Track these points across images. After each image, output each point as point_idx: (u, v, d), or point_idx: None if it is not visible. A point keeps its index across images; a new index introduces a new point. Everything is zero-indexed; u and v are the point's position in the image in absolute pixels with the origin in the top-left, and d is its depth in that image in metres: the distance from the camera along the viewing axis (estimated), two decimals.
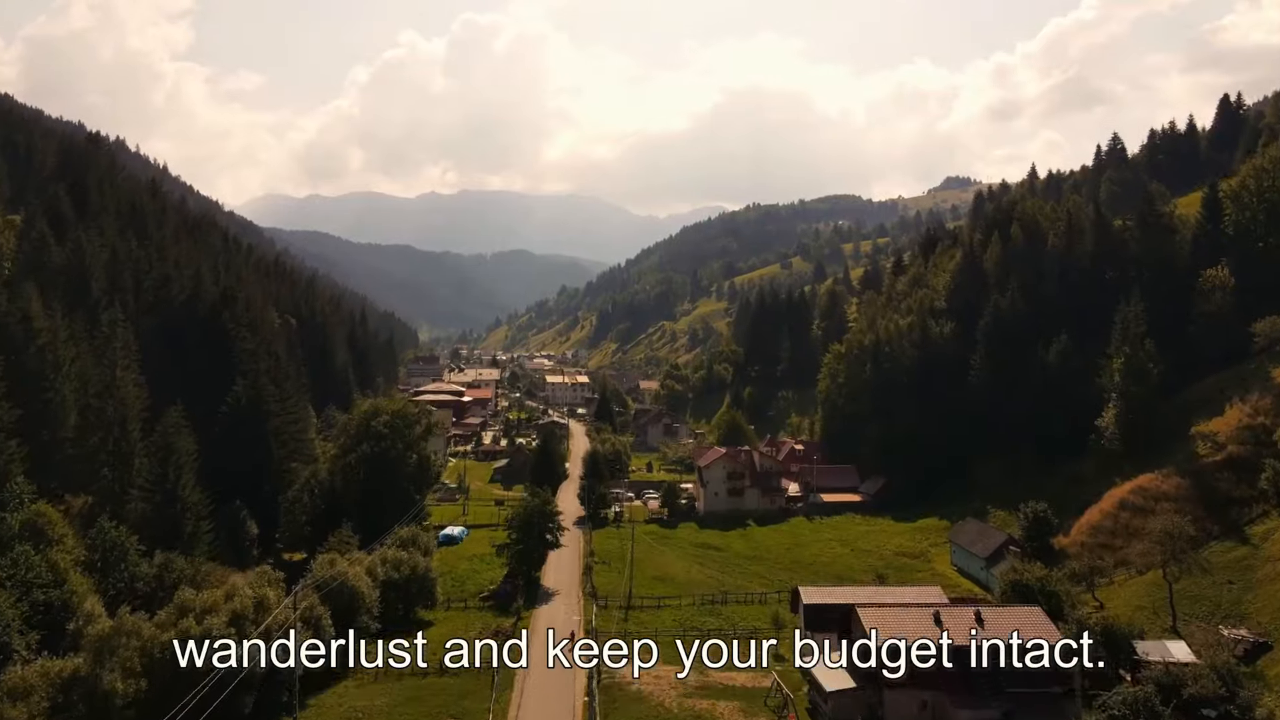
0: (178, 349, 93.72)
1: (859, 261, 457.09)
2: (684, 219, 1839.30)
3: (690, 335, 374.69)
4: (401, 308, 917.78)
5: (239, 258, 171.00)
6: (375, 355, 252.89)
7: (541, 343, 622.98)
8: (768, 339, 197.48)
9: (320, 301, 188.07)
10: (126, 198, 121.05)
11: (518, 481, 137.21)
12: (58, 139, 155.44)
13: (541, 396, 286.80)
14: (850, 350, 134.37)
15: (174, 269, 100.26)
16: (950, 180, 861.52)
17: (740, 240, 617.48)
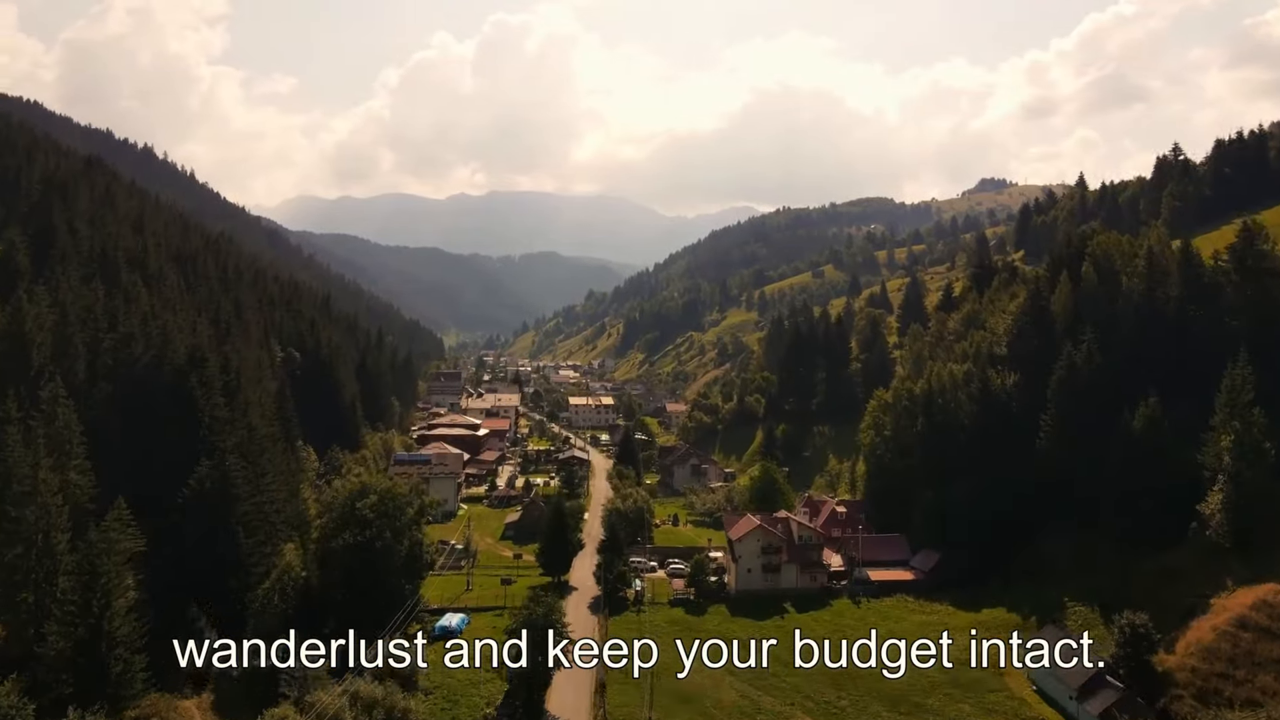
0: (138, 421, 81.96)
1: (894, 270, 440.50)
2: (713, 220, 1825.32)
3: (719, 349, 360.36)
4: (429, 311, 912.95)
5: (240, 287, 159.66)
6: (393, 377, 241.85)
7: (568, 350, 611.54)
8: (803, 371, 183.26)
9: (328, 332, 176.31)
10: (101, 239, 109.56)
11: (531, 539, 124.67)
12: (42, 167, 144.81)
13: (564, 418, 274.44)
14: (898, 399, 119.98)
15: (140, 325, 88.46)
16: (985, 182, 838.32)
17: (770, 246, 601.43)
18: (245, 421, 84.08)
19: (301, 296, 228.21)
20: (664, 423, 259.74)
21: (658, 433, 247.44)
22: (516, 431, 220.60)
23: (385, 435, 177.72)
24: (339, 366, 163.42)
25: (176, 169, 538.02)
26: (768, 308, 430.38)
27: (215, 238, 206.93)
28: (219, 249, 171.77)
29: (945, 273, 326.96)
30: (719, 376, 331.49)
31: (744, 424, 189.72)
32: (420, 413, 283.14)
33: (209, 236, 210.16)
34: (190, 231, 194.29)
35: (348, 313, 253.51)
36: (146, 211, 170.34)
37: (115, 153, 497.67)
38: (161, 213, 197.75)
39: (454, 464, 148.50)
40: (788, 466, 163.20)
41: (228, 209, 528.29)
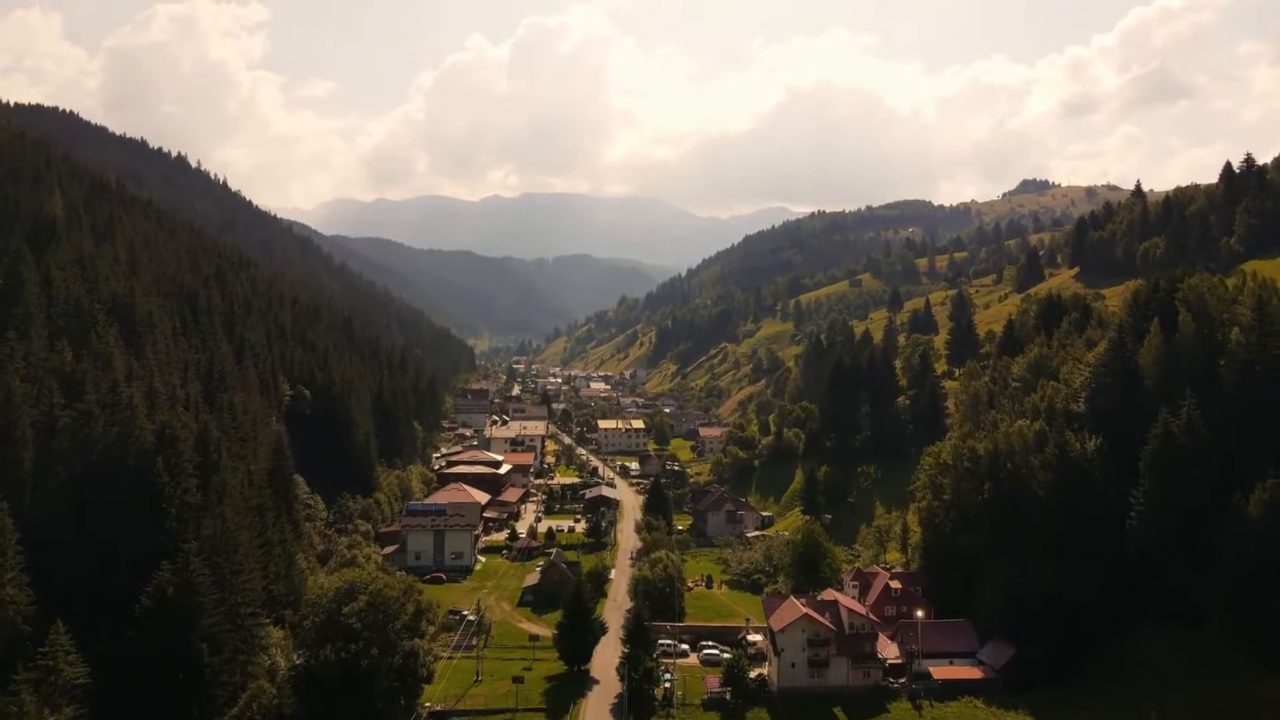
0: (97, 514, 71.21)
1: (935, 281, 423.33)
2: (746, 221, 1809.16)
3: (754, 363, 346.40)
4: (462, 315, 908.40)
5: (249, 322, 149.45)
6: (416, 400, 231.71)
7: (599, 359, 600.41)
8: (845, 405, 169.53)
9: (342, 366, 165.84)
10: (82, 286, 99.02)
11: (551, 605, 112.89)
12: (33, 203, 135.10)
13: (593, 439, 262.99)
14: (958, 459, 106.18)
15: (109, 394, 77.54)
16: (1026, 183, 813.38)
17: (805, 252, 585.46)
18: (220, 510, 72.85)
19: (321, 319, 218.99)
20: (697, 448, 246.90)
21: (689, 460, 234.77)
22: (542, 461, 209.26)
23: (402, 473, 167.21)
24: (352, 403, 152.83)
25: (209, 177, 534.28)
26: (804, 318, 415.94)
27: (228, 265, 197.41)
28: (226, 281, 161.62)
29: (992, 285, 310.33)
30: (754, 394, 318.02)
31: (782, 461, 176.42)
32: (446, 433, 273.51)
33: (224, 261, 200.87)
34: (203, 257, 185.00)
35: (371, 334, 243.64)
36: (152, 241, 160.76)
37: (149, 161, 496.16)
38: (173, 239, 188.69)
39: (471, 514, 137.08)
40: (830, 514, 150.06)
41: (260, 218, 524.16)
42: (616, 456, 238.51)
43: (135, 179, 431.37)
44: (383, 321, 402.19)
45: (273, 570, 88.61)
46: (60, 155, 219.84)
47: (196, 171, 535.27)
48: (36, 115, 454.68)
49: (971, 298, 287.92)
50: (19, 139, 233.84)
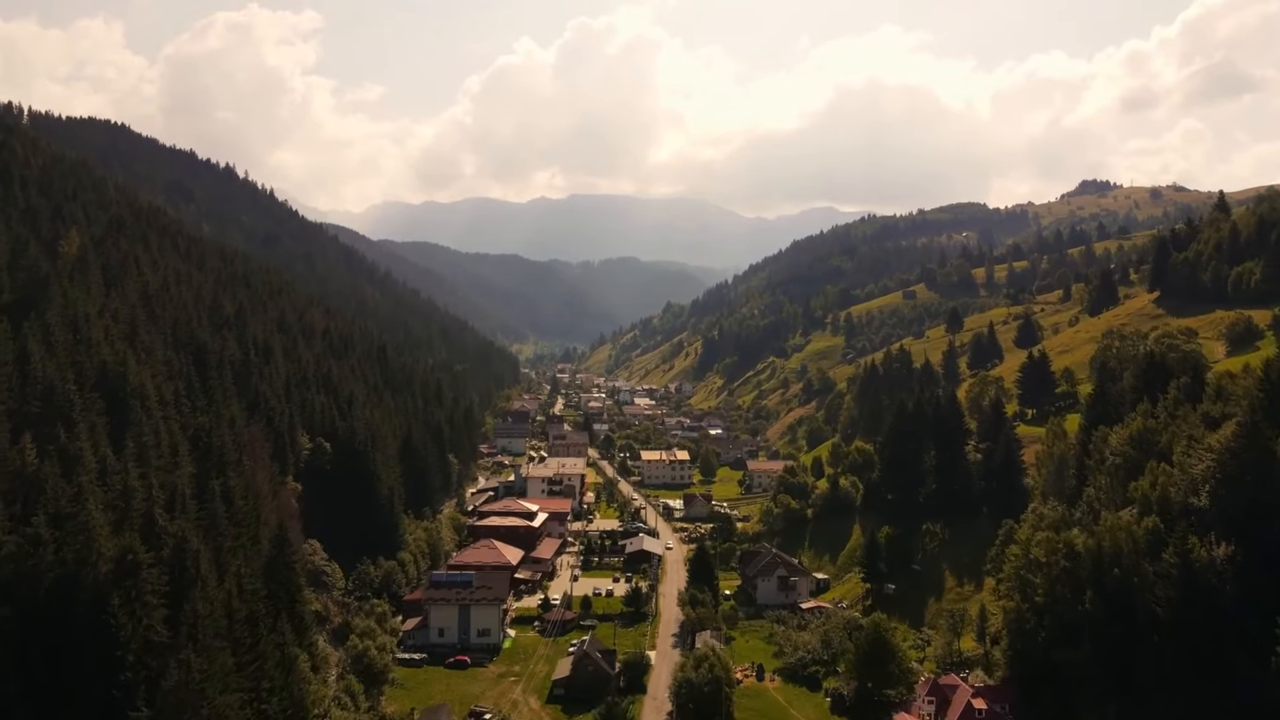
0: (46, 660, 59.98)
1: (994, 292, 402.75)
2: (794, 221, 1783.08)
3: (804, 383, 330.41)
4: (508, 320, 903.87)
5: (269, 370, 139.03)
6: (452, 432, 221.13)
7: (644, 368, 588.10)
8: (907, 454, 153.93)
9: (367, 411, 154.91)
10: (64, 359, 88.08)
11: (583, 704, 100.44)
12: (42, 246, 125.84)
13: (636, 468, 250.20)
14: (1051, 556, 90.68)
15: (72, 505, 66.01)
16: (1086, 184, 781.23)
17: (856, 259, 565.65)
18: (186, 656, 61.04)
19: (353, 349, 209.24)
20: (745, 483, 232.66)
21: (736, 498, 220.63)
22: (581, 501, 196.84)
23: (431, 524, 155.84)
24: (376, 456, 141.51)
25: (256, 188, 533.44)
26: (855, 332, 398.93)
27: (256, 297, 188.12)
28: (247, 323, 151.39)
29: (1059, 304, 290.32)
30: (804, 417, 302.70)
31: (838, 513, 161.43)
32: (485, 459, 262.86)
33: (252, 294, 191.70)
34: (227, 293, 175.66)
35: (405, 362, 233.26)
36: (173, 280, 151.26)
37: (197, 173, 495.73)
38: (200, 271, 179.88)
39: (500, 585, 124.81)
40: (894, 583, 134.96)
41: (305, 229, 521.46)
42: (660, 491, 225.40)
43: (182, 192, 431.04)
44: (424, 336, 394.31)
45: (265, 687, 77.02)
46: (93, 181, 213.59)
47: (244, 182, 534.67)
48: (88, 128, 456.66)
49: (1037, 317, 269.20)
50: (56, 163, 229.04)
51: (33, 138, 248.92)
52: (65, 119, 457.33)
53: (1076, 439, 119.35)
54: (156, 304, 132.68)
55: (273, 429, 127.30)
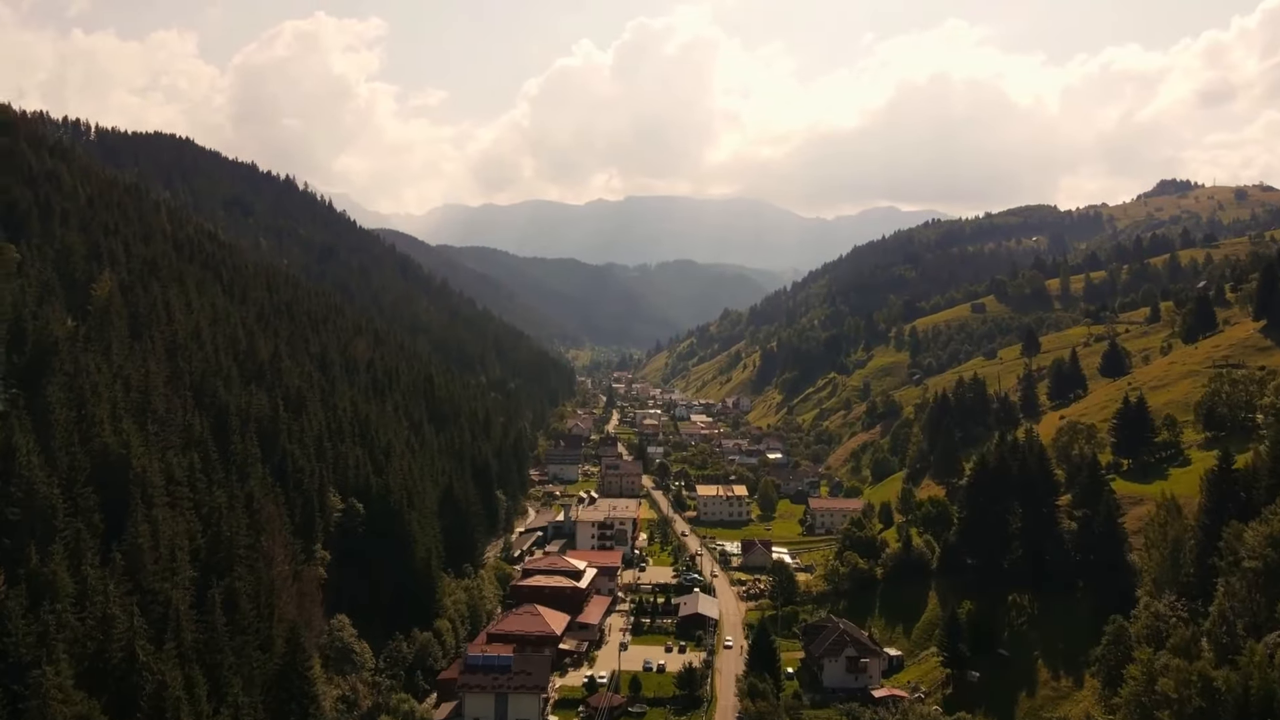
0: None
1: (1070, 306, 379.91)
2: (853, 222, 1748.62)
3: (868, 405, 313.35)
4: (565, 325, 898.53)
5: (303, 423, 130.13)
6: (500, 465, 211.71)
7: (701, 378, 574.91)
8: (989, 514, 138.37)
9: (404, 463, 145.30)
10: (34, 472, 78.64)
11: None
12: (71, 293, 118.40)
13: (693, 501, 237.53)
14: (1182, 691, 75.58)
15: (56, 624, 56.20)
16: (1165, 184, 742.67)
17: (920, 267, 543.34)
18: None
19: (397, 382, 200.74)
20: (806, 523, 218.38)
21: (797, 540, 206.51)
22: (633, 546, 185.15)
23: (473, 583, 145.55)
24: (412, 517, 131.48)
25: (315, 199, 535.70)
26: (920, 347, 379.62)
27: (299, 331, 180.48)
28: (282, 369, 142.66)
29: (1146, 325, 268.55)
30: (868, 443, 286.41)
31: (911, 576, 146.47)
32: (535, 488, 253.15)
33: (295, 327, 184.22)
34: (265, 332, 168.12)
35: (452, 392, 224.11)
36: (207, 324, 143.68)
37: (258, 185, 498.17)
38: (242, 305, 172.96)
39: (540, 670, 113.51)
40: (977, 670, 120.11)
41: (362, 240, 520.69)
42: (716, 530, 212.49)
43: (243, 206, 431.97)
44: (477, 351, 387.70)
45: None
46: (140, 211, 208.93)
47: (304, 194, 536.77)
48: (153, 144, 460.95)
49: (1122, 340, 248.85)
50: (105, 191, 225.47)
51: (85, 164, 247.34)
52: (132, 134, 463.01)
53: (1197, 523, 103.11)
54: (182, 356, 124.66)
55: (300, 493, 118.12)
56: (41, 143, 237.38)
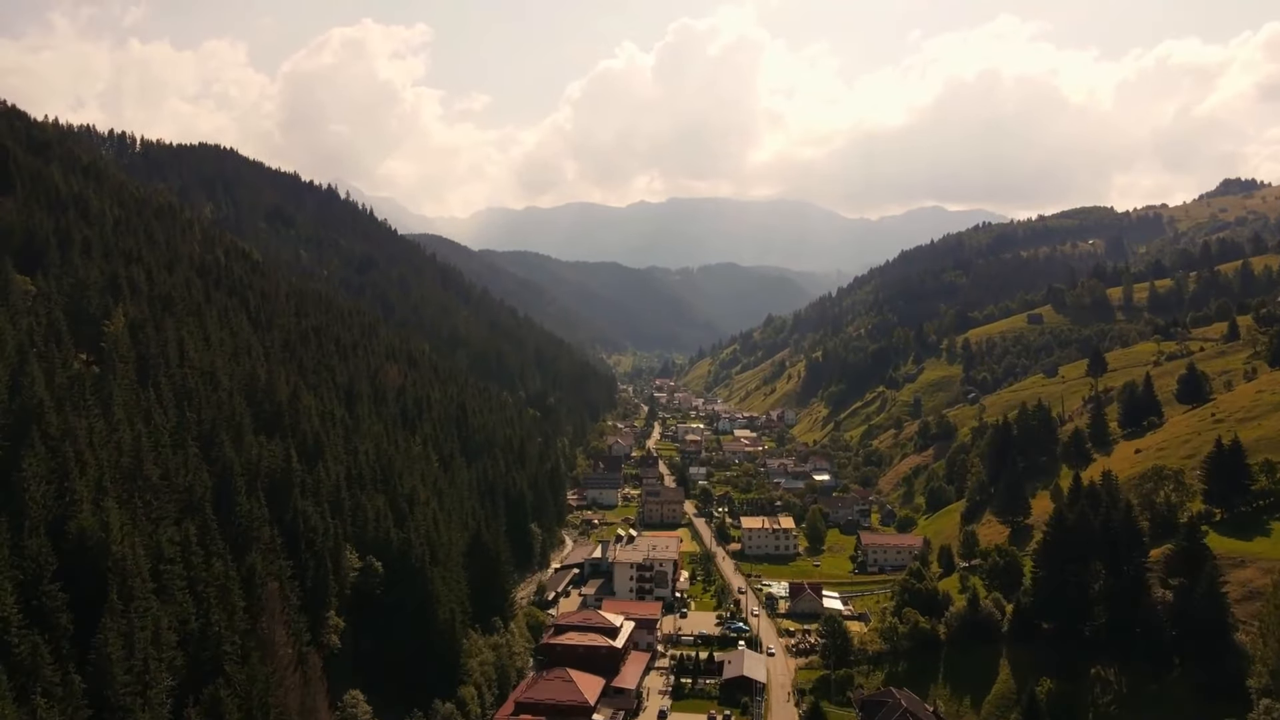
0: None
1: (1134, 317, 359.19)
2: (899, 222, 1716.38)
3: (920, 426, 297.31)
4: (606, 329, 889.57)
5: (318, 477, 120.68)
6: (534, 497, 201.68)
7: (744, 387, 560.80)
8: (1068, 576, 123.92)
9: (430, 509, 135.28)
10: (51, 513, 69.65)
11: None
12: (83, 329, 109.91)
13: (736, 531, 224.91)
14: None
15: None
16: (1228, 183, 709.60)
17: (971, 274, 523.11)
18: None
19: (429, 411, 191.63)
20: (858, 559, 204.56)
21: (848, 579, 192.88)
22: (674, 588, 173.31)
23: (501, 639, 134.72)
24: (435, 575, 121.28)
25: (357, 209, 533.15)
26: (974, 361, 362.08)
27: (325, 361, 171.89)
28: (300, 408, 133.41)
29: (1223, 344, 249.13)
30: (920, 466, 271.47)
31: (979, 639, 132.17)
32: (574, 514, 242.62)
33: (322, 357, 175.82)
34: (290, 364, 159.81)
35: (486, 421, 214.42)
36: (221, 360, 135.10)
37: (300, 196, 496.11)
38: (268, 333, 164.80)
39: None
40: None
41: (404, 249, 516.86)
42: (762, 567, 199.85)
43: (284, 218, 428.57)
44: (516, 364, 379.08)
45: None
46: (167, 234, 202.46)
47: (345, 203, 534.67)
48: (197, 155, 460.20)
49: (1198, 361, 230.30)
50: (135, 211, 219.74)
51: (119, 183, 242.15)
52: (176, 146, 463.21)
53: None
54: (190, 405, 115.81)
55: (313, 554, 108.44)
56: (75, 162, 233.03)
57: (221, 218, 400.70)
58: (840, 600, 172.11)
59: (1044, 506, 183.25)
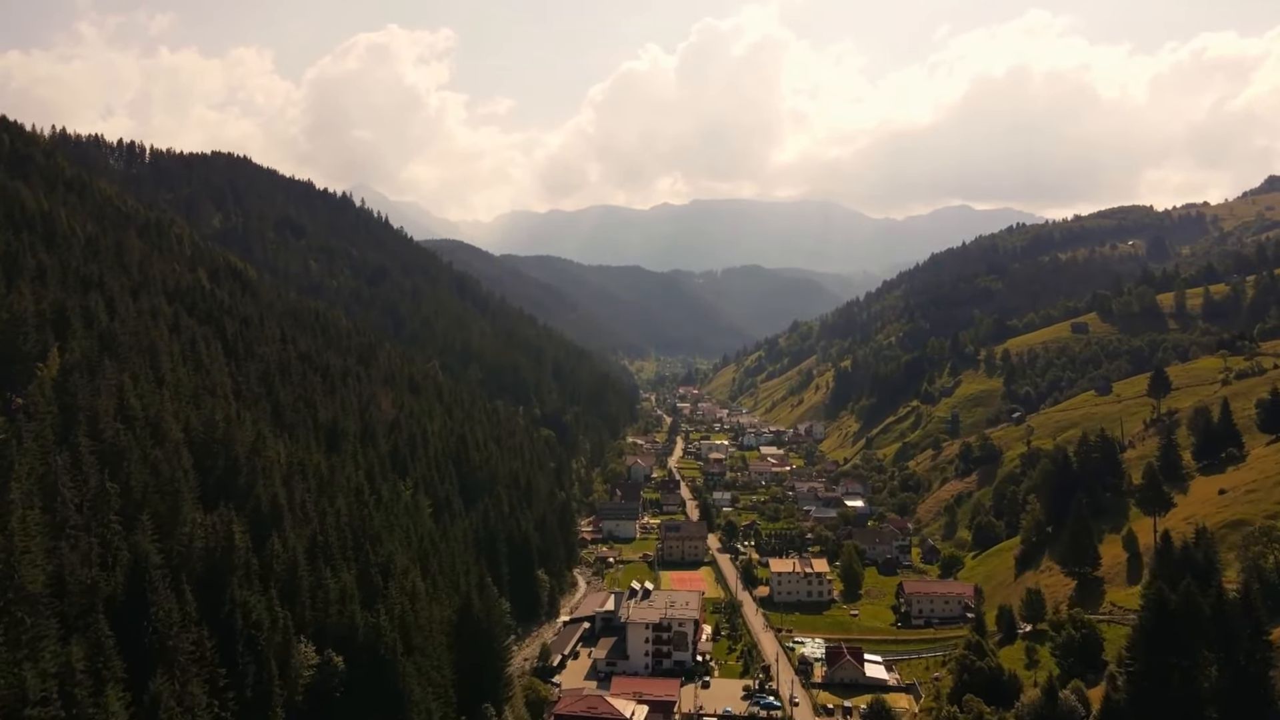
0: None
1: (1187, 326, 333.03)
2: (924, 221, 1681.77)
3: (962, 448, 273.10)
4: (629, 335, 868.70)
5: (240, 584, 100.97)
6: (543, 541, 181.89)
7: (770, 397, 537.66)
8: (1171, 669, 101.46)
9: (410, 583, 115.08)
10: None
11: None
12: None
13: (765, 572, 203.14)
14: None
15: None
16: (1274, 180, 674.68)
17: (1006, 279, 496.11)
18: None
19: (425, 446, 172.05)
20: (900, 609, 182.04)
21: (891, 640, 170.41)
22: (695, 650, 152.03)
23: None
24: (410, 662, 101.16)
25: (371, 216, 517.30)
26: (1016, 374, 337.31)
27: (291, 410, 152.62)
28: (254, 468, 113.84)
29: None
30: (964, 494, 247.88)
31: None
32: (589, 549, 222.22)
33: (297, 396, 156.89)
34: (263, 399, 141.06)
35: (487, 457, 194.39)
36: (165, 414, 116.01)
37: (313, 204, 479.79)
38: (232, 379, 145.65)
39: None
40: None
41: (419, 257, 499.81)
42: (793, 617, 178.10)
43: (294, 227, 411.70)
44: (533, 378, 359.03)
45: None
46: (141, 254, 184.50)
47: (360, 211, 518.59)
48: (206, 164, 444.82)
49: (1278, 380, 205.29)
50: (119, 226, 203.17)
51: (104, 199, 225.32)
52: (188, 155, 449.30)
53: None
54: (118, 471, 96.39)
55: (254, 655, 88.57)
56: (59, 176, 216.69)
57: (229, 229, 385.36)
58: (884, 666, 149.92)
59: (1114, 555, 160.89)
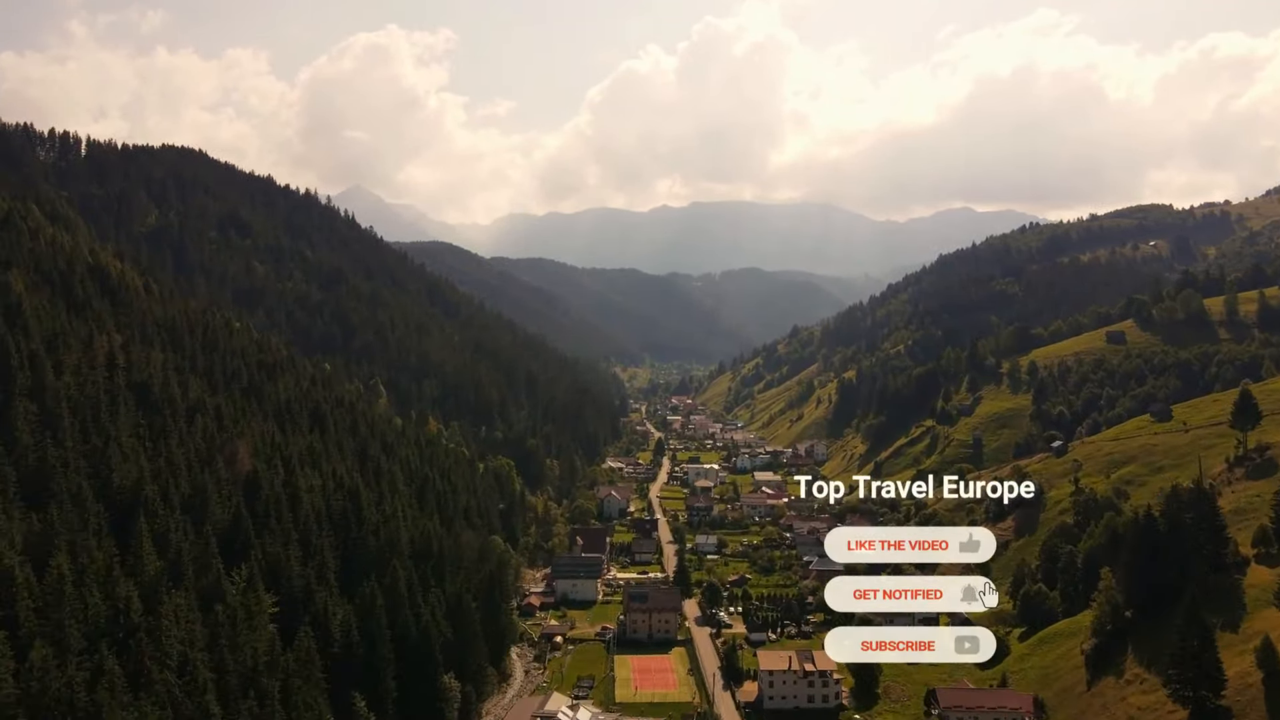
0: None
1: (1243, 338, 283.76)
2: (927, 223, 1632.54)
3: (996, 496, 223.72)
4: (623, 340, 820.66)
5: None
6: (458, 632, 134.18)
7: (768, 409, 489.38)
8: None
9: None
10: None
11: None
12: None
13: (753, 667, 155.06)
14: None
15: None
16: None
17: (1023, 283, 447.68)
18: None
19: (279, 519, 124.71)
20: (935, 715, 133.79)
21: None
22: None
23: None
24: None
25: (338, 214, 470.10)
26: (1045, 390, 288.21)
27: (89, 473, 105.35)
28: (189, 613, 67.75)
29: None
30: (1000, 543, 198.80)
31: None
32: (534, 622, 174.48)
33: (114, 438, 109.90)
34: None
35: (385, 516, 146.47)
36: None
37: (272, 200, 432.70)
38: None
39: None
40: None
41: (388, 259, 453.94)
42: None
43: (239, 226, 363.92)
44: (495, 398, 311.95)
45: None
46: None
47: (325, 209, 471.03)
48: (150, 158, 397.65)
49: None
50: None
51: None
52: (132, 148, 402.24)
53: None
54: None
55: None
56: None
57: (163, 226, 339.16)
58: None
59: (1241, 671, 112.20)
